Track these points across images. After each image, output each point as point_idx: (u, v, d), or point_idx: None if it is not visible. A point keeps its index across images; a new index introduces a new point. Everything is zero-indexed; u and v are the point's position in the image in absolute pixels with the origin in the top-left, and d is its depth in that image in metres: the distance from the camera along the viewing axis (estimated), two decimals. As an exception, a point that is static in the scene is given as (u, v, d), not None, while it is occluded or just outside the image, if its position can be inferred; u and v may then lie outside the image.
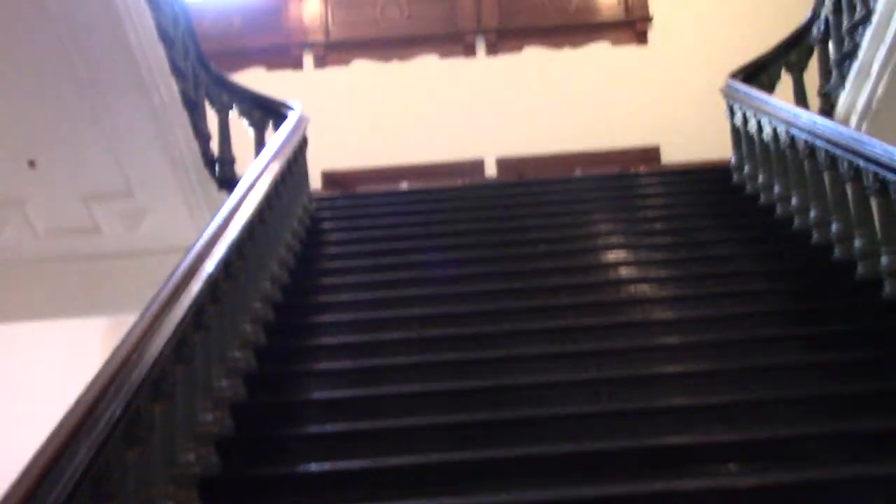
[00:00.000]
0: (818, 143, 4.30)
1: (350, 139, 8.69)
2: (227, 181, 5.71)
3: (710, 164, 6.72)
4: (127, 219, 5.62)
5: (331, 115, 8.30)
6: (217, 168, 5.87)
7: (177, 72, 5.33)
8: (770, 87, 5.66)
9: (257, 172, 4.42)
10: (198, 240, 3.32)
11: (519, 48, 9.17)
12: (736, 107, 5.66)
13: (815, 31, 5.67)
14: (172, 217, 5.45)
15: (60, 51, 4.55)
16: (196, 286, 2.94)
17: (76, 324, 6.73)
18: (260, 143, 5.94)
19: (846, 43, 5.27)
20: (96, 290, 5.84)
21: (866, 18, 4.97)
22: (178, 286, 2.84)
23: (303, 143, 5.81)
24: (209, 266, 3.15)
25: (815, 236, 4.51)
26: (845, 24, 5.30)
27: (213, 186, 5.74)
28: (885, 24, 4.83)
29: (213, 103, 6.00)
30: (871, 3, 4.90)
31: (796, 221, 4.75)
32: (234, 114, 6.09)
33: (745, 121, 5.48)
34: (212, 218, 3.68)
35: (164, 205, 5.46)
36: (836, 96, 5.39)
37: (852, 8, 5.21)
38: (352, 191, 8.42)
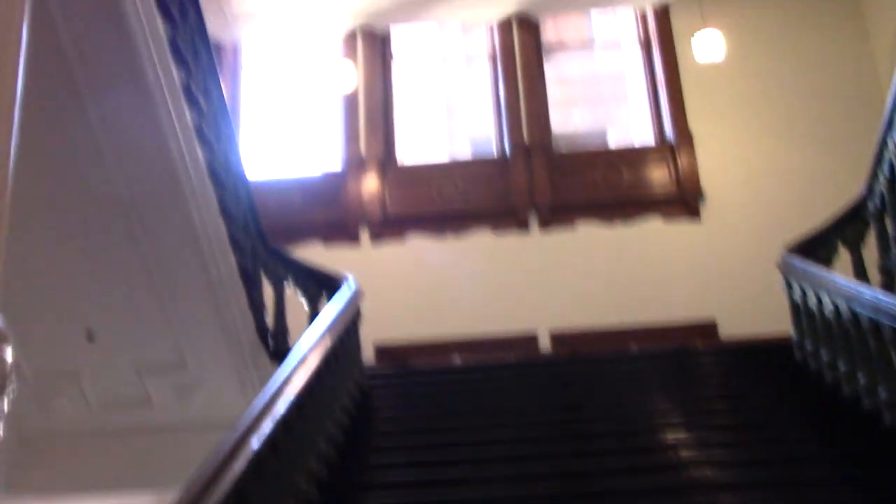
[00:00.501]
0: (883, 319, 4.16)
1: (404, 312, 8.75)
2: (280, 353, 5.71)
3: (769, 339, 6.53)
4: (179, 391, 5.63)
5: (385, 288, 8.42)
6: (270, 340, 5.91)
7: (236, 246, 5.46)
8: (827, 262, 5.57)
9: (309, 346, 4.40)
10: (244, 415, 3.27)
11: (571, 223, 9.28)
12: (793, 281, 5.56)
13: (870, 206, 5.62)
14: (224, 390, 5.44)
15: (125, 226, 4.71)
16: (239, 464, 2.86)
17: (123, 500, 6.61)
18: (314, 316, 5.98)
19: (904, 218, 5.20)
20: (144, 465, 5.77)
21: (923, 194, 4.93)
22: (221, 464, 2.77)
23: (356, 316, 5.82)
24: (255, 443, 3.08)
25: (888, 418, 4.28)
26: (902, 199, 5.25)
27: (265, 358, 5.75)
28: (943, 200, 4.78)
29: (269, 276, 6.11)
30: (928, 180, 4.87)
31: (865, 402, 4.53)
32: (289, 286, 6.19)
33: (804, 296, 5.36)
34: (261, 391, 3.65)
35: (216, 377, 5.47)
36: (898, 271, 5.27)
37: (908, 184, 5.18)
38: (404, 364, 8.36)
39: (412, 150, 14.92)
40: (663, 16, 10.01)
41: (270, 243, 6.19)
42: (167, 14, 4.53)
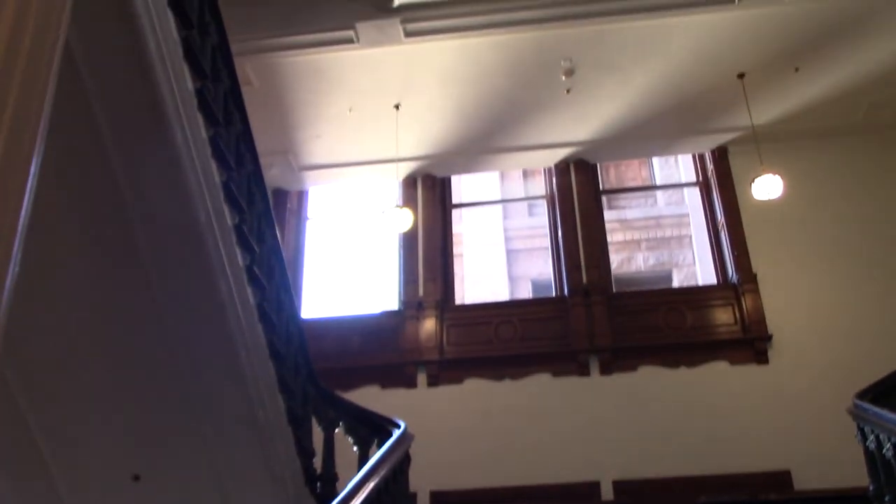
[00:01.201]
0: (965, 470, 3.85)
1: (460, 458, 8.52)
2: (328, 499, 5.54)
3: (846, 490, 6.13)
4: (221, 538, 5.45)
5: (441, 433, 8.26)
6: (318, 485, 5.74)
7: (284, 388, 5.40)
8: (903, 408, 5.25)
9: (353, 492, 4.26)
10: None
11: (633, 367, 9.05)
12: (867, 429, 5.24)
13: (946, 348, 5.34)
14: (266, 536, 5.26)
15: (173, 367, 4.70)
16: None
17: None
18: (363, 461, 5.82)
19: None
20: None
21: None
22: None
23: (405, 461, 5.65)
24: None
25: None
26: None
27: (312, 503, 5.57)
28: None
29: (319, 420, 6.01)
30: None
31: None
32: (339, 430, 6.07)
33: (880, 444, 5.03)
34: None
35: (259, 523, 5.30)
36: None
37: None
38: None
39: (475, 291, 15.00)
40: (721, 157, 10.02)
41: (322, 385, 6.12)
42: (222, 161, 4.66)
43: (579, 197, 10.10)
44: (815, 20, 8.26)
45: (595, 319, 9.29)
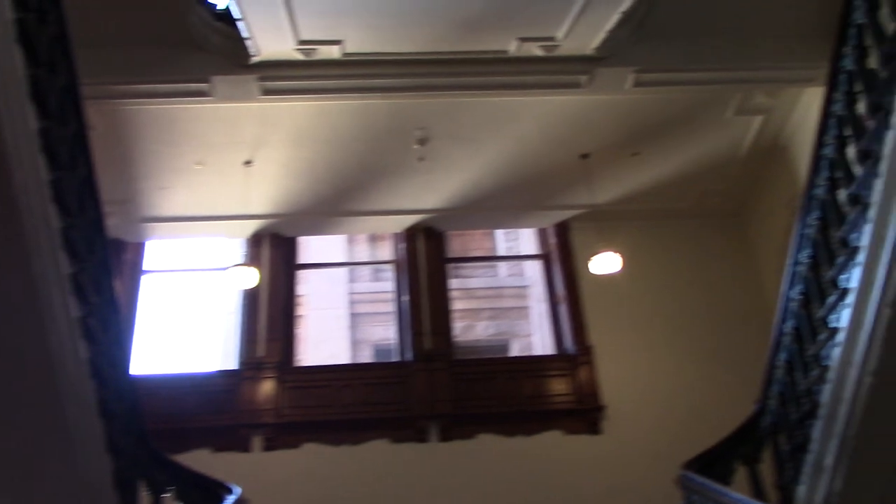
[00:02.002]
0: (782, 539, 4.08)
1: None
2: (152, 571, 5.23)
3: (672, 560, 6.33)
4: None
5: (277, 499, 7.97)
6: (142, 555, 5.42)
7: (113, 449, 5.10)
8: (725, 478, 5.54)
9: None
10: None
11: (472, 435, 9.12)
12: (695, 498, 5.47)
13: (763, 422, 5.69)
14: None
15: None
16: None
17: None
18: (194, 528, 5.56)
19: (797, 435, 5.26)
20: None
21: (813, 411, 5.00)
22: None
23: (239, 529, 5.43)
24: None
25: None
26: (793, 416, 5.33)
27: (134, 576, 5.24)
28: (832, 417, 4.85)
29: (148, 483, 5.70)
30: (817, 396, 4.96)
31: None
32: (170, 495, 5.77)
33: (705, 513, 5.27)
34: None
35: None
36: (794, 490, 5.25)
37: (798, 400, 5.27)
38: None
39: (316, 353, 14.78)
40: (563, 232, 10.41)
41: (154, 447, 5.82)
42: (63, 207, 4.43)
43: (426, 264, 10.21)
44: (652, 110, 8.83)
45: (437, 386, 9.34)
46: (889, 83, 4.20)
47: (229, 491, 5.62)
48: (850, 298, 4.58)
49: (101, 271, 5.12)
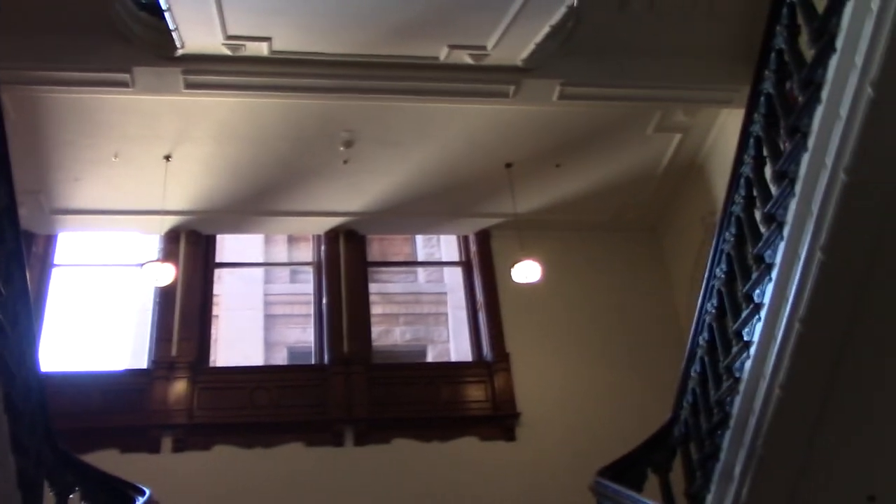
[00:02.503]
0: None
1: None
2: (54, 575, 5.06)
3: (583, 566, 6.43)
4: None
5: (187, 501, 7.76)
6: (45, 558, 5.23)
7: (18, 448, 4.91)
8: (638, 486, 5.64)
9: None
10: None
11: (388, 440, 9.10)
12: (607, 505, 5.57)
13: (676, 431, 5.83)
14: None
15: None
16: None
17: None
18: (100, 531, 5.40)
19: (707, 444, 5.40)
20: None
21: (724, 422, 5.16)
22: None
23: (149, 532, 5.29)
24: None
25: None
26: (704, 426, 5.47)
27: (35, 580, 5.05)
28: (741, 428, 5.00)
29: (53, 485, 5.51)
30: (728, 407, 5.11)
31: None
32: (76, 496, 5.59)
33: (617, 522, 5.37)
34: None
35: None
36: (703, 498, 5.39)
37: (710, 411, 5.42)
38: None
39: (229, 353, 14.52)
40: (484, 240, 10.48)
41: (61, 446, 5.62)
42: (-27, 192, 4.27)
43: (346, 267, 10.15)
44: (577, 123, 9.00)
45: (354, 390, 9.28)
46: (806, 107, 4.37)
47: (140, 492, 5.48)
48: (763, 313, 4.74)
49: (12, 262, 4.94)
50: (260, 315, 16.55)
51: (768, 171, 4.86)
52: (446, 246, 14.09)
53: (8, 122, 7.86)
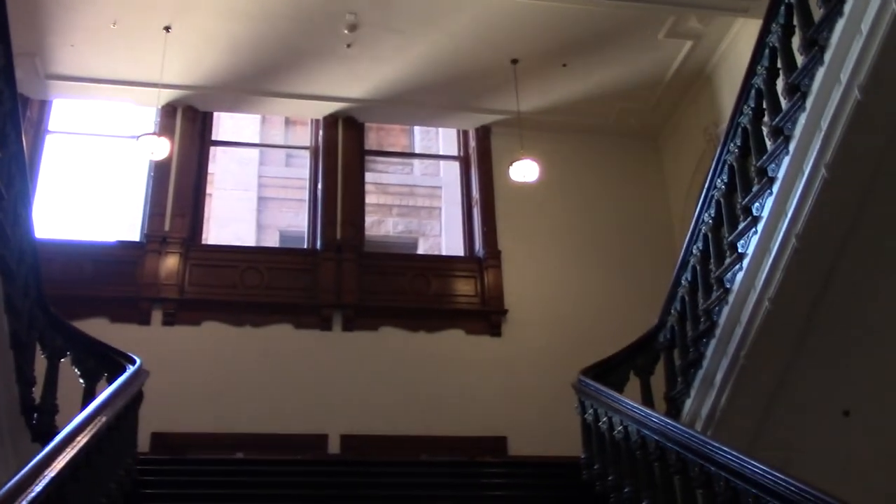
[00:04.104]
0: (669, 445, 4.30)
1: (188, 401, 8.29)
2: (44, 432, 5.17)
3: (558, 459, 6.63)
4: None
5: (170, 374, 7.88)
6: (35, 416, 5.34)
7: (11, 309, 4.95)
8: (619, 387, 5.77)
9: (78, 425, 3.98)
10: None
11: (375, 327, 9.21)
12: (587, 403, 5.70)
13: (661, 337, 5.92)
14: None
15: None
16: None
17: None
18: (90, 395, 5.49)
19: (691, 352, 5.50)
20: None
21: (710, 330, 5.23)
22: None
23: (137, 399, 5.39)
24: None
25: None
26: (690, 334, 5.56)
27: (26, 437, 5.17)
28: (726, 337, 5.09)
29: (45, 347, 5.58)
30: (715, 317, 5.18)
31: (644, 525, 4.63)
32: (66, 361, 5.67)
33: (597, 418, 5.50)
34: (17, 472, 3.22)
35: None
36: (682, 402, 5.53)
37: (696, 319, 5.49)
38: (183, 455, 7.81)
39: (220, 233, 14.54)
40: (484, 136, 10.38)
41: (52, 311, 5.68)
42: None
43: (344, 153, 10.07)
44: (587, 22, 8.79)
45: (344, 276, 9.34)
46: (827, 20, 4.28)
47: (131, 360, 5.54)
48: (760, 226, 4.76)
49: (9, 123, 4.88)
50: (254, 196, 16.50)
51: (780, 84, 4.79)
52: (444, 140, 13.94)
53: (5, -20, 7.63)
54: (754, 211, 4.84)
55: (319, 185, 9.91)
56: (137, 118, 10.39)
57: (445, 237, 15.47)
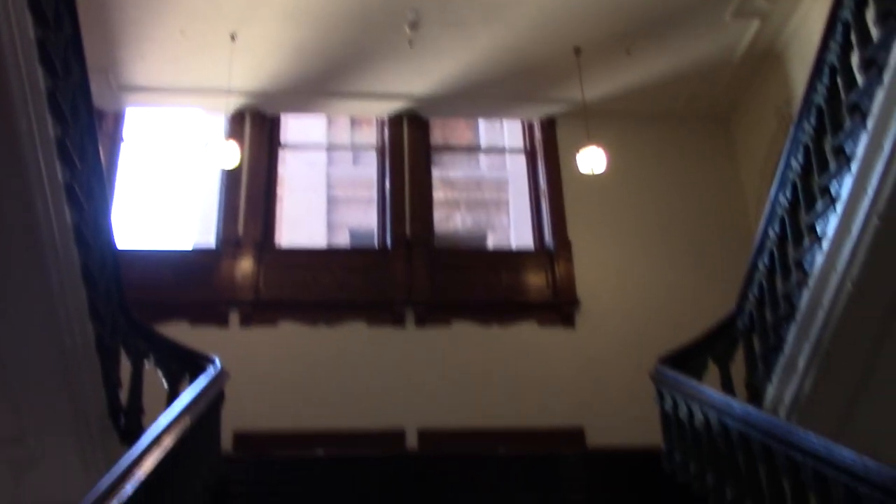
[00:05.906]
0: (752, 433, 4.22)
1: (268, 400, 8.43)
2: (131, 434, 5.32)
3: (637, 449, 6.55)
4: (14, 467, 5.12)
5: (250, 374, 8.06)
6: (122, 419, 5.51)
7: (95, 315, 5.11)
8: (698, 375, 5.67)
9: (164, 426, 4.09)
10: (84, 499, 2.95)
11: (448, 322, 9.23)
12: (665, 392, 5.62)
13: (739, 324, 5.80)
14: (64, 469, 4.98)
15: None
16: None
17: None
18: (173, 396, 5.63)
19: (771, 337, 5.37)
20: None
21: (791, 315, 5.11)
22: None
23: (219, 399, 5.51)
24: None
25: (751, 533, 4.30)
26: (769, 319, 5.43)
27: (114, 439, 5.34)
28: (808, 321, 4.96)
29: (128, 351, 5.75)
30: (795, 301, 5.05)
31: (730, 516, 4.55)
32: (149, 364, 5.82)
33: (676, 407, 5.42)
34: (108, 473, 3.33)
35: (56, 455, 5.01)
36: (763, 388, 5.41)
37: (776, 303, 5.37)
38: (265, 454, 7.94)
39: (292, 234, 14.75)
40: (549, 127, 10.31)
41: (134, 316, 5.84)
42: (50, 67, 4.30)
43: (410, 151, 10.12)
44: (649, 6, 8.64)
45: (415, 272, 9.39)
46: (903, -10, 4.13)
47: (210, 361, 5.67)
48: (840, 207, 4.62)
49: (87, 136, 5.03)
50: (323, 197, 16.70)
51: (855, 60, 4.64)
52: (510, 133, 13.89)
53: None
54: (832, 191, 4.70)
55: (387, 183, 9.98)
56: (207, 125, 10.61)
57: (514, 230, 15.42)
